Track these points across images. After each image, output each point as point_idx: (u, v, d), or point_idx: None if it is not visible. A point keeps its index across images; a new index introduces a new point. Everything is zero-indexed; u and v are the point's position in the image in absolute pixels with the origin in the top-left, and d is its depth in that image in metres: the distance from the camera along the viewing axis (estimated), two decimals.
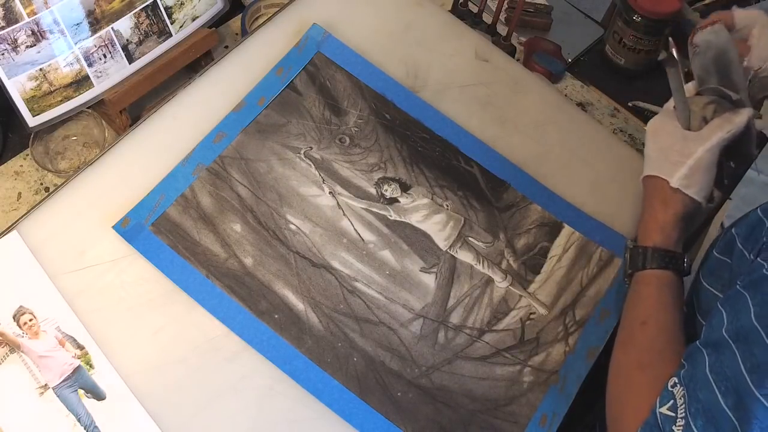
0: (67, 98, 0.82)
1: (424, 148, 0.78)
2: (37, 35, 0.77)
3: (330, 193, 0.74)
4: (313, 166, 0.75)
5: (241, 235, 0.71)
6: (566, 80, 1.02)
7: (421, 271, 0.73)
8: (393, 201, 0.75)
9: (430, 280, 0.72)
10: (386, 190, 0.74)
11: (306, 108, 0.78)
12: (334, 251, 0.72)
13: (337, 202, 0.73)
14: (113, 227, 0.68)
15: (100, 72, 0.83)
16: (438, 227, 0.74)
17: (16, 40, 0.75)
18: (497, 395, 0.69)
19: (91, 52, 0.81)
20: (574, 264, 0.76)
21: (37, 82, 0.79)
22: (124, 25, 0.83)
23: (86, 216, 0.71)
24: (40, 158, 0.83)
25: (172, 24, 0.87)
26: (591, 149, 0.85)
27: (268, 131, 0.77)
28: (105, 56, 0.83)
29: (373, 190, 0.75)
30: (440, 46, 0.88)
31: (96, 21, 0.80)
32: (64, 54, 0.79)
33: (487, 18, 1.04)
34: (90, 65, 0.82)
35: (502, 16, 1.05)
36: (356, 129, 0.77)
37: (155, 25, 0.86)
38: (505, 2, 1.03)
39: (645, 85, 1.05)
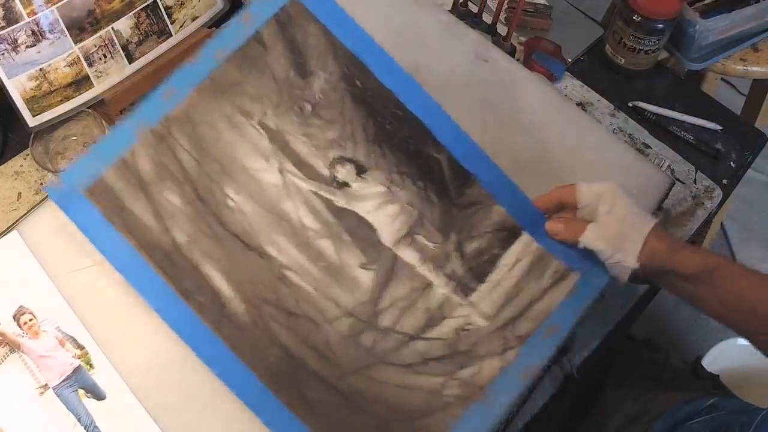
0: (67, 98, 0.82)
1: (393, 126, 0.70)
2: (37, 35, 0.77)
3: (279, 170, 0.67)
4: (266, 137, 0.68)
5: (177, 208, 0.64)
6: (566, 80, 1.02)
7: (359, 266, 0.66)
8: (344, 185, 0.68)
9: (367, 278, 0.66)
10: (339, 172, 0.67)
11: (269, 65, 0.69)
12: (271, 235, 0.66)
13: (284, 181, 0.67)
14: (45, 189, 0.62)
15: (100, 72, 0.83)
16: (388, 220, 0.68)
17: (16, 40, 0.75)
18: (413, 406, 0.63)
19: (91, 52, 0.81)
20: (526, 275, 0.68)
21: (37, 82, 0.79)
22: (124, 25, 0.83)
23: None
24: (40, 158, 0.83)
25: (172, 24, 0.87)
26: (591, 149, 0.84)
27: (223, 90, 0.68)
28: (105, 56, 0.83)
29: (326, 171, 0.68)
30: (440, 46, 0.88)
31: (96, 21, 0.80)
32: (64, 54, 0.79)
33: (487, 18, 1.04)
34: (90, 65, 0.82)
35: (502, 16, 1.05)
36: (321, 96, 0.69)
37: (155, 25, 0.86)
38: (505, 2, 1.03)
39: (645, 85, 1.05)
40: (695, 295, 0.63)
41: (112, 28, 0.82)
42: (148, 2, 0.84)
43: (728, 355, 1.39)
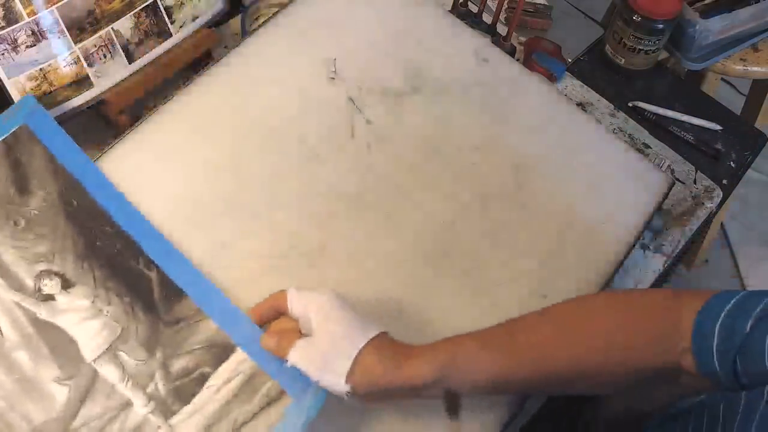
0: (67, 98, 0.82)
1: (104, 242, 0.69)
2: (37, 35, 0.77)
3: None
4: None
5: None
6: (566, 80, 1.02)
7: (54, 380, 0.63)
8: (49, 298, 0.66)
9: (61, 393, 0.63)
10: (45, 285, 0.66)
11: None
12: None
13: None
14: None
15: (100, 72, 0.83)
16: (90, 334, 0.65)
17: (16, 40, 0.75)
18: None
19: (91, 52, 0.81)
20: (235, 397, 0.64)
21: (37, 82, 0.79)
22: (124, 25, 0.83)
23: None
24: None
25: (172, 24, 0.87)
26: (591, 149, 0.85)
27: None
28: (105, 56, 0.83)
29: (31, 283, 0.66)
30: (440, 46, 0.88)
31: (96, 21, 0.80)
32: (64, 54, 0.79)
33: (487, 18, 1.04)
34: (90, 65, 0.82)
35: (502, 16, 1.05)
36: (36, 212, 0.69)
37: (155, 25, 0.86)
38: (505, 2, 1.03)
39: (645, 85, 1.05)
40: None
41: (112, 28, 0.82)
42: (148, 2, 0.84)
43: None
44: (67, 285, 0.66)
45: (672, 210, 0.92)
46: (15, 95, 0.78)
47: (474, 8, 1.05)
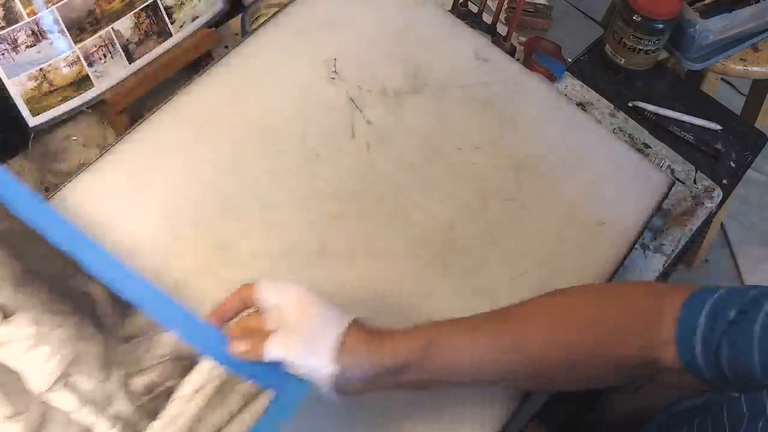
0: (67, 98, 0.82)
1: (43, 264, 0.64)
2: (37, 35, 0.77)
3: None
4: None
5: None
6: (566, 80, 1.02)
7: (7, 418, 0.59)
8: None
9: (16, 431, 0.59)
10: None
11: None
12: None
13: None
14: None
15: (100, 72, 0.83)
16: (38, 363, 0.60)
17: (16, 40, 0.75)
18: None
19: (91, 52, 0.81)
20: (209, 403, 0.61)
21: (37, 82, 0.79)
22: (124, 25, 0.83)
23: (86, 216, 0.71)
24: (40, 158, 0.83)
25: (172, 24, 0.87)
26: (591, 149, 0.85)
27: None
28: (105, 56, 0.83)
29: None
30: (440, 46, 0.88)
31: (96, 21, 0.80)
32: (64, 54, 0.79)
33: (487, 18, 1.04)
34: (90, 65, 0.82)
35: (502, 16, 1.05)
36: None
37: (155, 25, 0.86)
38: (505, 2, 1.03)
39: (645, 85, 1.05)
40: (431, 381, 0.59)
41: (112, 28, 0.82)
42: (148, 2, 0.84)
43: None
44: (7, 314, 0.61)
45: (672, 210, 0.92)
46: (15, 95, 0.78)
47: (474, 8, 1.05)
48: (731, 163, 0.99)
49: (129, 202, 0.72)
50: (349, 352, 0.55)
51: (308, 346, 0.55)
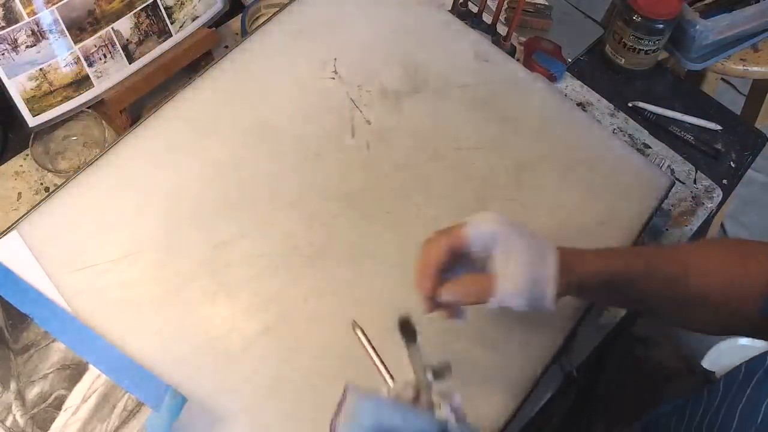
0: (67, 98, 0.82)
1: None
2: (37, 35, 0.77)
3: None
4: None
5: None
6: (566, 80, 1.02)
7: None
8: None
9: None
10: None
11: None
12: None
13: None
14: None
15: (100, 72, 0.83)
16: None
17: (16, 40, 0.75)
18: None
19: (91, 52, 0.81)
20: (93, 416, 0.62)
21: (37, 82, 0.79)
22: (124, 25, 0.83)
23: (86, 216, 0.71)
24: (40, 158, 0.83)
25: (172, 24, 0.87)
26: (591, 149, 0.85)
27: None
28: (105, 56, 0.83)
29: None
30: (440, 46, 0.88)
31: (96, 21, 0.80)
32: (64, 54, 0.79)
33: (487, 18, 1.04)
34: (90, 65, 0.82)
35: (502, 16, 1.05)
36: None
37: (155, 25, 0.86)
38: (505, 2, 1.03)
39: (645, 85, 1.05)
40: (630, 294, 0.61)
41: (112, 28, 0.82)
42: (148, 2, 0.84)
43: (728, 354, 1.39)
44: None
45: (672, 210, 0.92)
46: (15, 95, 0.78)
47: (474, 8, 1.05)
48: (731, 163, 0.99)
49: (129, 202, 0.72)
50: (564, 284, 0.57)
51: (533, 290, 0.56)
